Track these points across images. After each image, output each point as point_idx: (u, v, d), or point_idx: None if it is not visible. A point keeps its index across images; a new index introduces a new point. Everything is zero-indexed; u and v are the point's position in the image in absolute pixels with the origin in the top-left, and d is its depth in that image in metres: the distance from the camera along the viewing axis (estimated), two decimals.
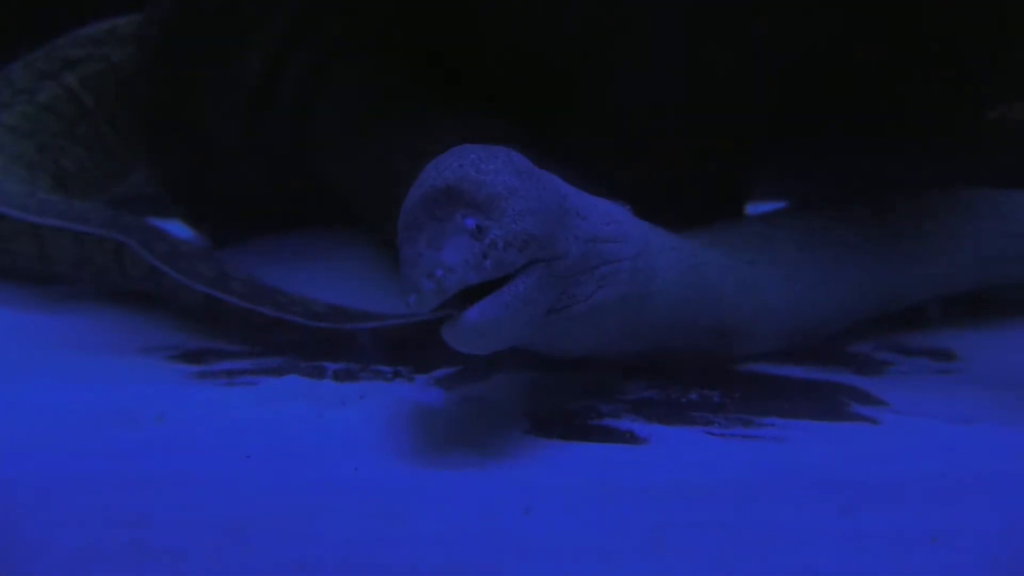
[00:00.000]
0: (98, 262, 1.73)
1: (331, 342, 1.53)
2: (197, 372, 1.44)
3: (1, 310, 1.73)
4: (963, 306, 1.77)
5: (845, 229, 1.59)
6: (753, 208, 1.95)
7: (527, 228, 1.03)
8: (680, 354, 1.39)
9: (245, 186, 2.03)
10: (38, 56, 2.20)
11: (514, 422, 1.18)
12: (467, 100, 1.82)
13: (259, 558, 0.80)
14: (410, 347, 1.47)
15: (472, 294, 1.00)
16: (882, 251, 1.60)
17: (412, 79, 1.89)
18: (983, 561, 0.82)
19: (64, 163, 2.17)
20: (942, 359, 1.57)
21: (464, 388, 1.33)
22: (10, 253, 1.80)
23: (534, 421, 1.19)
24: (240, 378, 1.41)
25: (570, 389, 1.32)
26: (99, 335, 1.61)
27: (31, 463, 1.02)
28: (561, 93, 1.76)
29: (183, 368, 1.47)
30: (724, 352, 1.46)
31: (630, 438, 1.15)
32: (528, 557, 0.81)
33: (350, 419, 1.18)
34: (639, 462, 1.09)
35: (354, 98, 1.91)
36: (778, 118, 1.83)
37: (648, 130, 1.77)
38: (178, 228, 2.11)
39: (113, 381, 1.37)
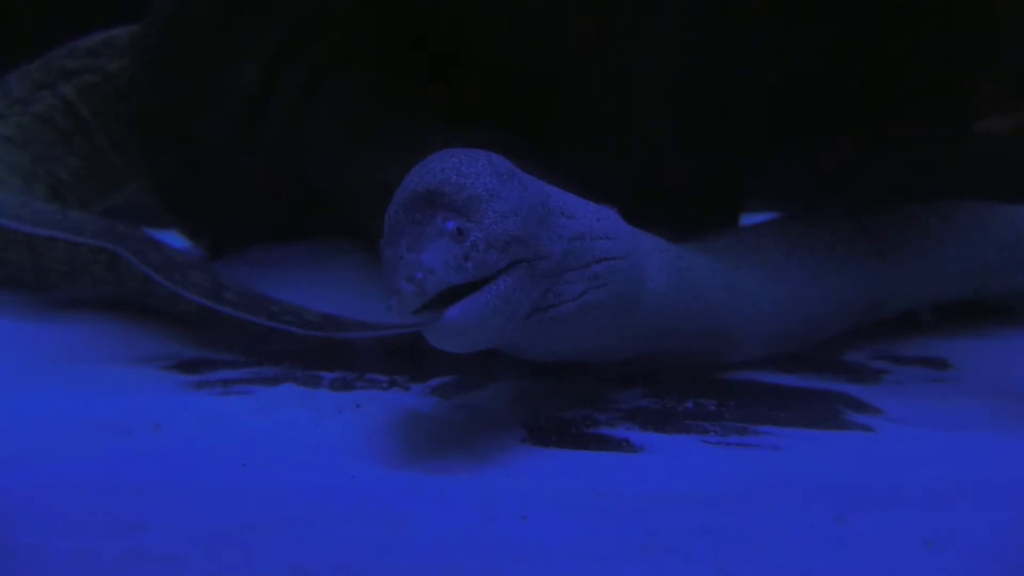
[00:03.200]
0: (92, 272, 1.73)
1: (325, 351, 1.53)
2: (193, 381, 1.44)
3: None
4: (957, 315, 1.78)
5: (832, 237, 1.61)
6: (747, 219, 1.96)
7: (508, 229, 1.03)
8: (671, 358, 1.40)
9: (241, 195, 2.03)
10: (34, 67, 2.20)
11: (510, 430, 1.19)
12: (464, 108, 1.83)
13: (257, 563, 0.80)
14: (406, 356, 1.47)
15: (455, 296, 1.01)
16: (868, 259, 1.62)
17: (407, 87, 1.90)
18: (978, 566, 0.82)
19: (60, 173, 2.18)
20: (936, 367, 1.58)
21: (460, 397, 1.33)
22: (5, 263, 1.80)
23: (530, 429, 1.19)
24: (236, 387, 1.41)
25: (566, 398, 1.32)
26: (95, 345, 1.61)
27: (27, 471, 1.02)
28: (558, 102, 1.77)
29: (179, 377, 1.47)
30: (714, 357, 1.47)
31: (626, 446, 1.16)
32: (525, 562, 0.81)
33: (347, 427, 1.18)
34: (635, 470, 1.09)
35: (349, 107, 1.91)
36: (771, 128, 1.85)
37: (643, 139, 1.78)
38: (174, 239, 2.11)
39: (109, 390, 1.37)
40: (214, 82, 1.92)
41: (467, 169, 1.04)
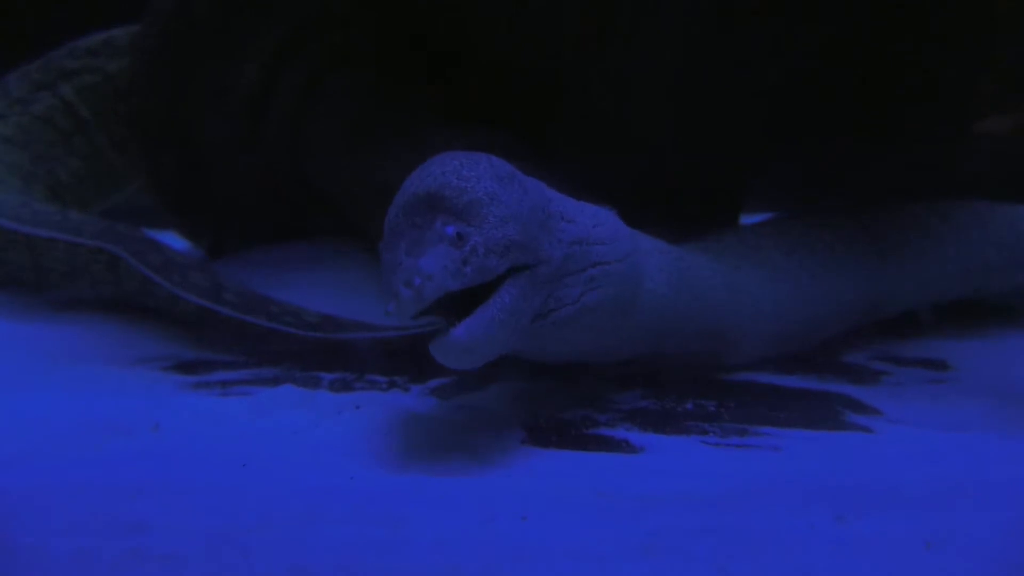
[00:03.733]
0: (92, 273, 1.73)
1: (325, 352, 1.53)
2: (193, 382, 1.44)
3: None
4: (957, 315, 1.78)
5: (832, 237, 1.61)
6: (747, 219, 1.96)
7: (508, 234, 1.02)
8: (671, 359, 1.40)
9: (240, 195, 2.03)
10: (34, 67, 2.20)
11: (510, 431, 1.19)
12: (464, 108, 1.83)
13: (257, 563, 0.80)
14: (406, 357, 1.47)
15: (453, 298, 1.00)
16: (868, 259, 1.62)
17: (407, 87, 1.90)
18: (977, 566, 0.82)
19: (59, 174, 2.17)
20: (936, 369, 1.58)
21: (460, 397, 1.33)
22: (5, 263, 1.80)
23: (530, 430, 1.19)
24: (235, 388, 1.41)
25: (566, 399, 1.32)
26: (94, 345, 1.61)
27: (27, 471, 1.02)
28: (558, 102, 1.78)
29: (179, 378, 1.47)
30: (714, 357, 1.47)
31: (626, 447, 1.16)
32: (525, 562, 0.81)
33: (346, 428, 1.18)
34: (635, 470, 1.09)
35: (349, 107, 1.92)
36: (771, 128, 1.85)
37: (643, 139, 1.78)
38: (174, 239, 2.11)
39: (109, 391, 1.37)
40: (214, 82, 1.92)
41: (468, 172, 1.04)
